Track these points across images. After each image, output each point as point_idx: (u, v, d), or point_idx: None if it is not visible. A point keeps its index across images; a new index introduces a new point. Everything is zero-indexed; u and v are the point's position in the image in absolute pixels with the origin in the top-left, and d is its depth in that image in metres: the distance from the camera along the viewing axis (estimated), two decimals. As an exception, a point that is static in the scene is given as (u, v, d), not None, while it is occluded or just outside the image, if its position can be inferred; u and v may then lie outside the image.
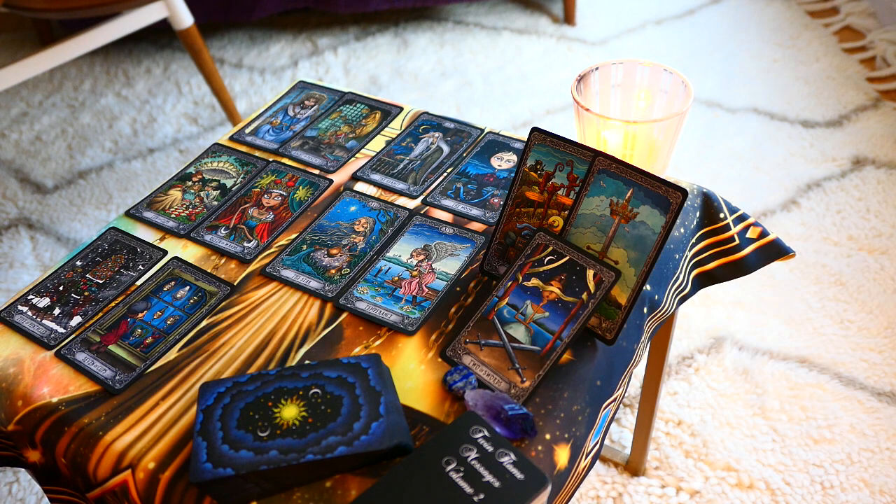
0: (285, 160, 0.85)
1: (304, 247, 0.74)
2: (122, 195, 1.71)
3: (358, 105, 0.92)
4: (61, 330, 0.68)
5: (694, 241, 0.75)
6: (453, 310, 0.66)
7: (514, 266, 0.63)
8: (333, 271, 0.71)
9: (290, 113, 0.92)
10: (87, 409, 0.61)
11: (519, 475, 0.48)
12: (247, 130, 0.90)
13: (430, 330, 0.65)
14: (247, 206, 0.79)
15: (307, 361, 0.62)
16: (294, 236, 0.75)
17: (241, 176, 0.83)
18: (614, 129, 0.71)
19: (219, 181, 0.83)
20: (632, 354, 0.67)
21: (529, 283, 0.62)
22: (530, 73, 1.99)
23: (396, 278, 0.69)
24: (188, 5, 2.01)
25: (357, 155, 0.85)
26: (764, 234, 0.77)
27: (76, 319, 0.69)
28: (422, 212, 0.76)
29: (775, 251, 0.78)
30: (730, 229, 0.76)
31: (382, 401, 0.55)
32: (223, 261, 0.74)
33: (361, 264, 0.71)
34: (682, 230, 0.73)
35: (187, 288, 0.71)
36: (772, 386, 1.21)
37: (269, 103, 0.95)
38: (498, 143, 0.84)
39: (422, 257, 0.71)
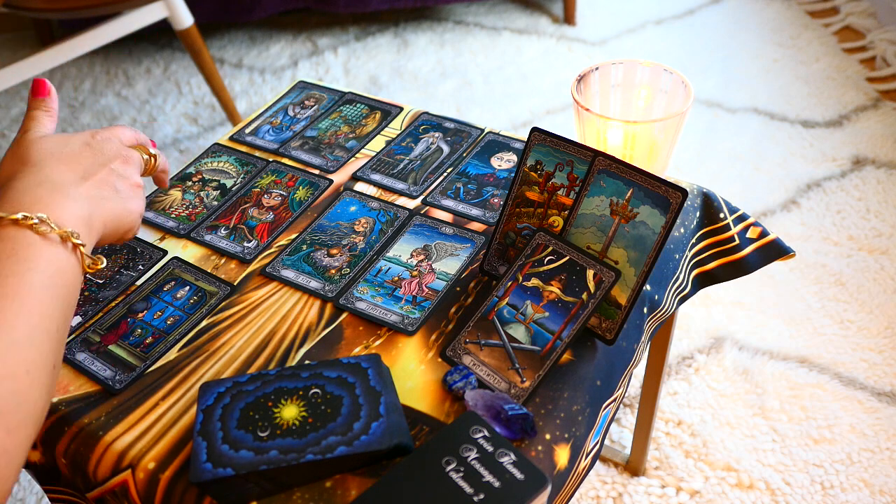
0: (285, 160, 0.85)
1: (304, 247, 0.74)
2: (122, 195, 1.71)
3: (358, 105, 0.92)
4: (61, 330, 0.68)
5: (694, 241, 0.75)
6: (453, 310, 0.66)
7: (514, 266, 0.63)
8: (333, 271, 0.71)
9: (290, 113, 0.92)
10: (87, 409, 0.61)
11: (519, 475, 0.48)
12: (247, 130, 0.90)
13: (430, 330, 0.65)
14: (247, 206, 0.79)
15: (307, 361, 0.62)
16: (294, 236, 0.75)
17: (241, 176, 0.83)
18: (614, 129, 0.71)
19: (219, 181, 0.83)
20: (632, 354, 0.67)
21: (529, 283, 0.62)
22: (530, 73, 1.99)
23: (396, 278, 0.69)
24: (188, 5, 2.01)
25: (357, 155, 0.85)
26: (764, 234, 0.77)
27: (76, 319, 0.69)
28: (422, 212, 0.76)
29: (775, 251, 0.78)
30: (730, 229, 0.76)
31: (382, 401, 0.55)
32: (223, 261, 0.74)
33: (361, 264, 0.71)
34: (682, 230, 0.73)
35: (187, 288, 0.71)
36: (772, 386, 1.21)
37: (269, 103, 0.95)
38: (498, 143, 0.84)
39: (422, 257, 0.71)
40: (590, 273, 0.60)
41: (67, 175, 0.53)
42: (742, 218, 0.77)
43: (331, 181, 0.81)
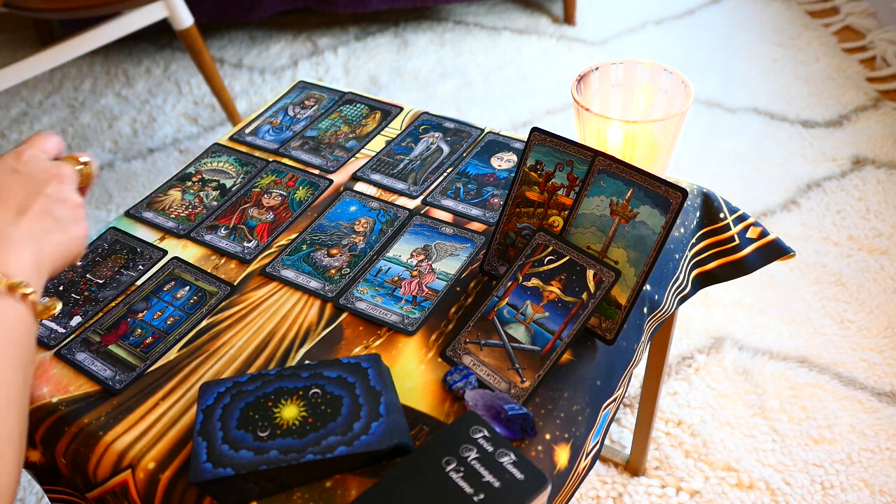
0: (285, 160, 0.85)
1: (304, 247, 0.74)
2: (122, 195, 1.71)
3: (358, 105, 0.92)
4: (61, 330, 0.68)
5: (694, 241, 0.75)
6: (453, 310, 0.66)
7: (514, 266, 0.63)
8: (333, 271, 0.71)
9: (290, 113, 0.92)
10: (87, 409, 0.61)
11: (519, 475, 0.48)
12: (247, 130, 0.90)
13: (430, 330, 0.65)
14: (247, 206, 0.79)
15: (307, 361, 0.62)
16: (294, 236, 0.75)
17: (241, 176, 0.83)
18: (614, 128, 0.71)
19: (219, 181, 0.83)
20: (632, 354, 0.67)
21: (529, 283, 0.62)
22: (530, 73, 1.99)
23: (396, 278, 0.69)
24: (188, 5, 2.01)
25: (357, 155, 0.85)
26: (764, 234, 0.77)
27: (76, 319, 0.69)
28: (422, 212, 0.76)
29: (775, 251, 0.78)
30: (730, 229, 0.76)
31: (382, 401, 0.55)
32: (223, 261, 0.74)
33: (361, 264, 0.71)
34: (682, 230, 0.73)
35: (187, 288, 0.71)
36: (772, 386, 1.21)
37: (269, 103, 0.95)
38: (498, 143, 0.84)
39: (422, 257, 0.71)
40: (590, 273, 0.60)
41: (1, 214, 0.49)
42: (742, 218, 0.77)
43: (331, 181, 0.81)
